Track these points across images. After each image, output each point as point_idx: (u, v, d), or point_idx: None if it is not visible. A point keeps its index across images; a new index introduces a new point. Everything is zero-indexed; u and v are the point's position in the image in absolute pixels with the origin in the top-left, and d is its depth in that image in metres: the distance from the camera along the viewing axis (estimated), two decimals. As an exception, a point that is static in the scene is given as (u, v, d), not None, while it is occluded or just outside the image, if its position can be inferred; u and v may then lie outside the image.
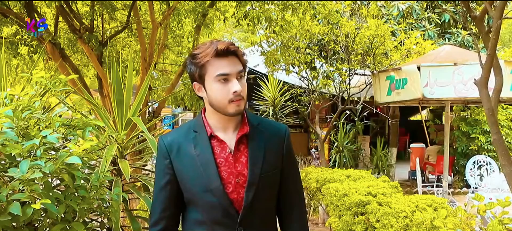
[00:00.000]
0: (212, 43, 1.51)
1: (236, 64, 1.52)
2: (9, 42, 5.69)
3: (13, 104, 1.87)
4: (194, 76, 1.56)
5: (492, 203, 2.48)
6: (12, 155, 1.68)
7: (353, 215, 4.09)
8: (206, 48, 1.50)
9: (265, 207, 1.63)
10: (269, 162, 1.60)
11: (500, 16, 2.57)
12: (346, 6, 8.92)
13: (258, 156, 1.58)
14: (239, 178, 1.56)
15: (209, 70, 1.51)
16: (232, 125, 1.60)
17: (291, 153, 1.71)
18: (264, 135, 1.62)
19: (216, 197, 1.53)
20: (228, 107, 1.52)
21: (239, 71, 1.52)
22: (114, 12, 5.98)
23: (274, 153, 1.63)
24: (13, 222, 1.62)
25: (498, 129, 2.68)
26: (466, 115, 9.44)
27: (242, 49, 1.60)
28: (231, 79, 1.50)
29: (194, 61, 1.53)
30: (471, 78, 6.21)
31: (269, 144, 1.62)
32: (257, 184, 1.55)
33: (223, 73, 1.49)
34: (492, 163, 8.18)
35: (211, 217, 1.57)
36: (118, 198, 2.16)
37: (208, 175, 1.54)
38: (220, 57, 1.49)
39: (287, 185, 1.68)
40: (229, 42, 1.52)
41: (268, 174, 1.59)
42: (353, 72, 8.63)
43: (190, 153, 1.57)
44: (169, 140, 1.62)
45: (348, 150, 10.01)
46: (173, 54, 8.43)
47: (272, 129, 1.67)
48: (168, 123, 14.40)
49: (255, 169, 1.56)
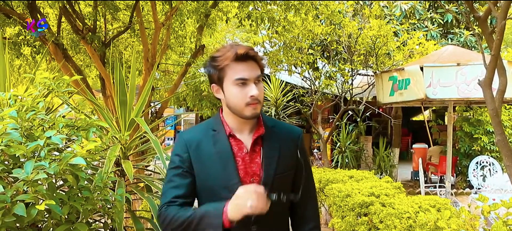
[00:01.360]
0: (232, 47, 1.55)
1: (255, 69, 1.56)
2: (12, 42, 5.70)
3: (17, 105, 1.87)
4: (213, 78, 1.60)
5: (496, 204, 2.47)
6: (16, 156, 1.68)
7: (356, 216, 4.08)
8: (226, 52, 1.54)
9: (279, 207, 1.64)
10: (284, 163, 1.64)
11: (505, 17, 2.56)
12: (349, 7, 8.91)
13: (272, 157, 1.62)
14: (253, 178, 1.60)
15: (228, 74, 1.54)
16: (248, 127, 1.64)
17: (305, 155, 1.75)
18: (279, 137, 1.67)
19: (233, 194, 1.53)
20: (245, 110, 1.56)
21: (257, 76, 1.55)
22: (116, 12, 5.99)
23: (289, 154, 1.67)
24: (17, 222, 1.62)
25: (502, 130, 2.67)
26: (468, 115, 9.42)
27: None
28: (249, 83, 1.53)
29: (214, 64, 1.56)
30: (474, 78, 6.19)
31: (283, 145, 1.66)
32: (271, 184, 1.58)
33: (242, 77, 1.52)
34: (495, 163, 8.15)
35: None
36: (121, 198, 2.16)
37: (227, 172, 1.57)
38: (239, 61, 1.53)
39: (300, 183, 1.70)
40: (249, 47, 1.56)
41: (282, 175, 1.63)
42: (355, 73, 8.61)
43: (209, 150, 1.60)
44: (188, 136, 1.66)
45: (351, 150, 9.99)
46: (176, 55, 8.43)
47: (286, 131, 1.72)
48: (171, 124, 14.41)
49: (269, 170, 1.60)
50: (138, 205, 4.05)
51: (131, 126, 2.79)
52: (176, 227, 1.50)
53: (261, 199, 1.41)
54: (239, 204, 1.42)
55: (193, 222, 1.48)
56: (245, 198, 1.41)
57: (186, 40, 7.65)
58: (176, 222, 1.51)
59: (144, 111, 3.66)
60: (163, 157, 2.41)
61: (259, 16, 5.97)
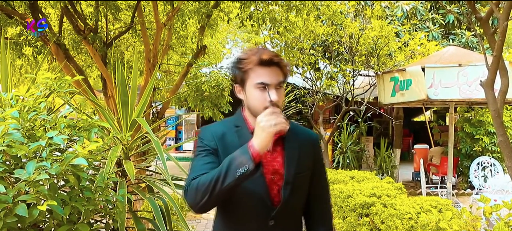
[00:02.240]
0: (258, 51, 1.60)
1: (277, 75, 1.60)
2: (13, 42, 5.70)
3: (18, 105, 1.87)
4: (236, 79, 1.66)
5: (498, 205, 2.47)
6: (18, 156, 1.68)
7: (358, 216, 4.08)
8: (251, 55, 1.59)
9: (296, 205, 1.73)
10: (303, 163, 1.70)
11: (507, 17, 2.56)
12: (350, 7, 8.91)
13: (293, 156, 1.68)
14: (274, 176, 1.65)
15: (251, 77, 1.59)
16: None
17: (321, 157, 1.84)
18: (298, 138, 1.73)
19: (255, 186, 1.61)
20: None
21: (279, 82, 1.59)
22: (118, 13, 5.98)
23: (307, 156, 1.74)
24: (19, 223, 1.62)
25: (504, 131, 2.66)
26: (470, 116, 9.41)
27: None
28: (270, 88, 1.57)
29: (239, 66, 1.62)
30: (476, 79, 6.19)
31: (303, 147, 1.73)
32: (292, 182, 1.65)
33: (263, 82, 1.57)
34: (496, 164, 8.14)
35: (247, 205, 1.64)
36: (123, 199, 2.16)
37: None
38: (263, 66, 1.58)
39: (317, 186, 1.78)
40: (274, 53, 1.61)
41: (302, 175, 1.70)
42: (357, 73, 8.61)
43: (234, 141, 1.64)
44: (213, 128, 1.72)
45: (352, 151, 9.99)
46: (177, 55, 8.43)
47: (305, 134, 1.79)
48: (172, 124, 14.42)
49: (290, 168, 1.66)
50: (140, 205, 4.05)
51: (132, 126, 2.79)
52: (205, 188, 1.47)
53: (280, 116, 1.46)
54: (264, 128, 1.44)
55: (221, 173, 1.46)
56: (266, 121, 1.44)
57: (188, 41, 7.65)
58: (204, 184, 1.48)
59: (146, 112, 3.67)
60: (164, 157, 2.41)
61: (260, 17, 5.97)
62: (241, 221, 1.67)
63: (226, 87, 7.53)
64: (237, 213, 1.67)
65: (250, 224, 1.65)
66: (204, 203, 1.49)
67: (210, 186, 1.46)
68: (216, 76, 7.53)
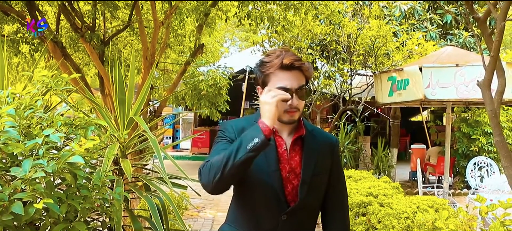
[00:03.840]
0: (281, 54, 1.62)
1: (298, 79, 1.62)
2: (10, 40, 5.67)
3: (15, 102, 1.86)
4: (258, 81, 1.69)
5: (494, 204, 2.48)
6: (14, 154, 1.68)
7: (354, 215, 4.09)
8: (274, 58, 1.62)
9: (312, 205, 1.76)
10: (321, 164, 1.73)
11: (504, 18, 2.57)
12: (348, 7, 8.91)
13: (312, 157, 1.71)
14: (289, 173, 1.68)
15: (272, 80, 1.62)
16: (287, 129, 1.73)
17: (339, 160, 1.88)
18: (317, 140, 1.76)
19: (270, 179, 1.65)
20: (282, 116, 1.64)
21: (300, 86, 1.62)
22: (116, 11, 5.96)
23: (325, 157, 1.77)
24: (15, 221, 1.61)
25: (501, 131, 2.67)
26: (467, 116, 9.43)
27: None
28: (291, 93, 1.59)
29: (261, 69, 1.65)
30: (473, 79, 6.20)
31: (321, 148, 1.76)
32: (309, 183, 1.68)
33: (284, 86, 1.59)
34: (493, 164, 8.17)
35: (260, 196, 1.68)
36: (119, 197, 2.15)
37: (268, 159, 1.65)
38: (285, 70, 1.60)
39: (334, 188, 1.81)
40: (295, 57, 1.62)
41: (319, 176, 1.73)
42: (354, 73, 8.62)
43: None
44: (234, 122, 1.75)
45: (349, 150, 10.00)
46: (175, 53, 8.42)
47: (324, 136, 1.83)
48: (169, 123, 14.40)
49: (308, 169, 1.69)
50: (136, 204, 4.05)
51: (129, 124, 2.78)
52: (218, 165, 1.49)
53: (279, 92, 1.52)
54: (265, 102, 1.50)
55: (233, 149, 1.48)
56: (266, 97, 1.51)
57: (186, 39, 7.64)
58: (217, 161, 1.50)
59: (143, 110, 3.66)
60: (161, 156, 2.41)
61: (258, 16, 5.97)
62: (254, 211, 1.70)
63: (223, 86, 7.53)
64: (250, 203, 1.70)
65: (263, 215, 1.68)
66: (218, 181, 1.50)
67: (222, 163, 1.48)
68: (213, 75, 7.54)
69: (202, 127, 15.98)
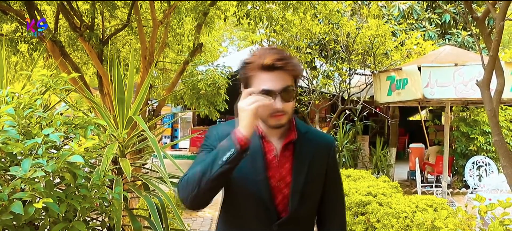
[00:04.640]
0: (262, 54, 1.48)
1: (282, 80, 1.47)
2: (8, 39, 5.67)
3: (14, 102, 1.86)
4: (242, 83, 1.54)
5: (493, 204, 2.48)
6: (13, 153, 1.67)
7: (353, 215, 4.09)
8: (256, 59, 1.47)
9: (305, 215, 1.63)
10: (314, 170, 1.60)
11: (503, 17, 2.57)
12: (347, 6, 8.92)
13: (303, 164, 1.58)
14: (279, 182, 1.56)
15: (255, 82, 1.47)
16: (277, 133, 1.59)
17: (336, 164, 1.73)
18: (311, 144, 1.62)
19: (258, 189, 1.53)
20: (268, 120, 1.51)
21: (283, 88, 1.46)
22: (114, 10, 5.96)
23: (320, 162, 1.63)
24: (14, 221, 1.61)
25: (499, 130, 2.68)
26: (465, 115, 9.45)
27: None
28: (274, 96, 1.45)
29: (243, 71, 1.51)
30: (472, 79, 6.21)
31: (315, 153, 1.62)
32: (301, 191, 1.56)
33: (266, 89, 1.45)
34: (491, 163, 8.18)
35: (249, 209, 1.57)
36: (119, 197, 2.15)
37: (256, 168, 1.54)
38: (266, 71, 1.46)
39: (330, 194, 1.68)
40: (277, 57, 1.46)
41: (312, 183, 1.60)
42: (353, 72, 8.63)
43: None
44: (221, 129, 1.62)
45: (348, 150, 10.01)
46: (174, 53, 8.42)
47: (319, 139, 1.67)
48: (168, 122, 14.40)
49: (299, 176, 1.56)
50: (136, 203, 4.04)
51: (128, 124, 2.78)
52: (195, 180, 1.42)
53: (260, 97, 1.40)
54: (243, 109, 1.39)
55: (209, 162, 1.40)
56: (244, 103, 1.39)
57: (184, 38, 7.64)
58: (193, 175, 1.43)
59: (142, 109, 3.66)
60: (160, 155, 2.41)
61: (257, 15, 5.97)
62: (243, 223, 1.60)
63: (222, 85, 7.53)
64: (239, 214, 1.61)
65: (253, 227, 1.58)
66: (194, 196, 1.43)
67: (199, 177, 1.40)
68: (212, 74, 7.53)
69: (200, 127, 15.98)
